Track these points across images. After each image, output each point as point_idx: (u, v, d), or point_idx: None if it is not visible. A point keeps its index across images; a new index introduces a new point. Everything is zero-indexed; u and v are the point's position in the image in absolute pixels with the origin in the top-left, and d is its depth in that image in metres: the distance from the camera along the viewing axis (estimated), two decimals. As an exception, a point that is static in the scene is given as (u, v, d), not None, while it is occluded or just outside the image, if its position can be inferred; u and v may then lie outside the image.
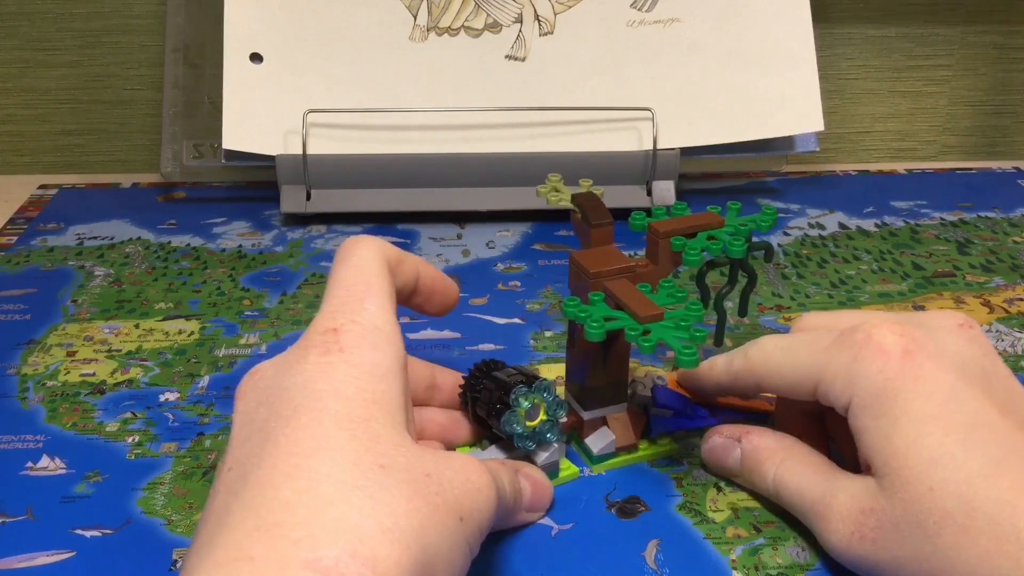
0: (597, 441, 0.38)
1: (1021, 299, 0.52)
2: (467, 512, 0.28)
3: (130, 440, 0.40)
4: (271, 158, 0.60)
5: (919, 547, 0.30)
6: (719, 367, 0.38)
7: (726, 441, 0.37)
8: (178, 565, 0.34)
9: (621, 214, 0.64)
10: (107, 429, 0.41)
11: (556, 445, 0.37)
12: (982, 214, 0.63)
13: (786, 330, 0.48)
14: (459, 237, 0.59)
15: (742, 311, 0.40)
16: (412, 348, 0.47)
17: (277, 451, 0.26)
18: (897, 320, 0.33)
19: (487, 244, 0.58)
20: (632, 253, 0.57)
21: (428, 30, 0.62)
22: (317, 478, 0.25)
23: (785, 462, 0.35)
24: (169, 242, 0.58)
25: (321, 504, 0.24)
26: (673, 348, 0.32)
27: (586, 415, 0.38)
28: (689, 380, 0.41)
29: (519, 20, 0.63)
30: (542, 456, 0.37)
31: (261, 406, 0.28)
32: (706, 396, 0.41)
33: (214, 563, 0.23)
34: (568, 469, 0.38)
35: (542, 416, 0.36)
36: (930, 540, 0.29)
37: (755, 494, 0.37)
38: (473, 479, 0.29)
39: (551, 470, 0.37)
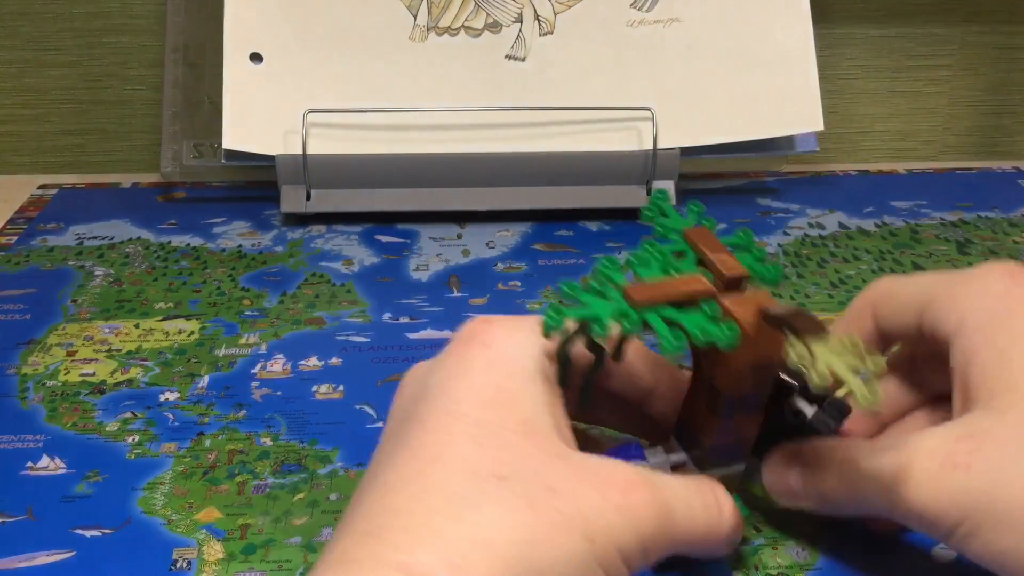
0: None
1: (1021, 299, 0.52)
2: (600, 532, 0.25)
3: (130, 440, 0.40)
4: (271, 158, 0.60)
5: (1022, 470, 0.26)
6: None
7: (786, 462, 0.32)
8: (178, 565, 0.34)
9: (621, 214, 0.65)
10: (107, 429, 0.41)
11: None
12: (982, 214, 0.63)
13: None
14: (459, 237, 0.59)
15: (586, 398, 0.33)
16: (412, 347, 0.47)
17: (404, 454, 0.26)
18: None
19: (487, 244, 0.58)
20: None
21: (428, 30, 0.62)
22: (431, 486, 0.25)
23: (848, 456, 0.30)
24: (169, 242, 0.58)
25: (427, 513, 0.24)
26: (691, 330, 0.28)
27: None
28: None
29: (519, 20, 0.63)
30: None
31: (409, 403, 0.28)
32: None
33: (325, 564, 0.24)
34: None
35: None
36: None
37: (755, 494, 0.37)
38: (614, 498, 0.26)
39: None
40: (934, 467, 0.27)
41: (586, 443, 0.31)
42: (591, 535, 0.25)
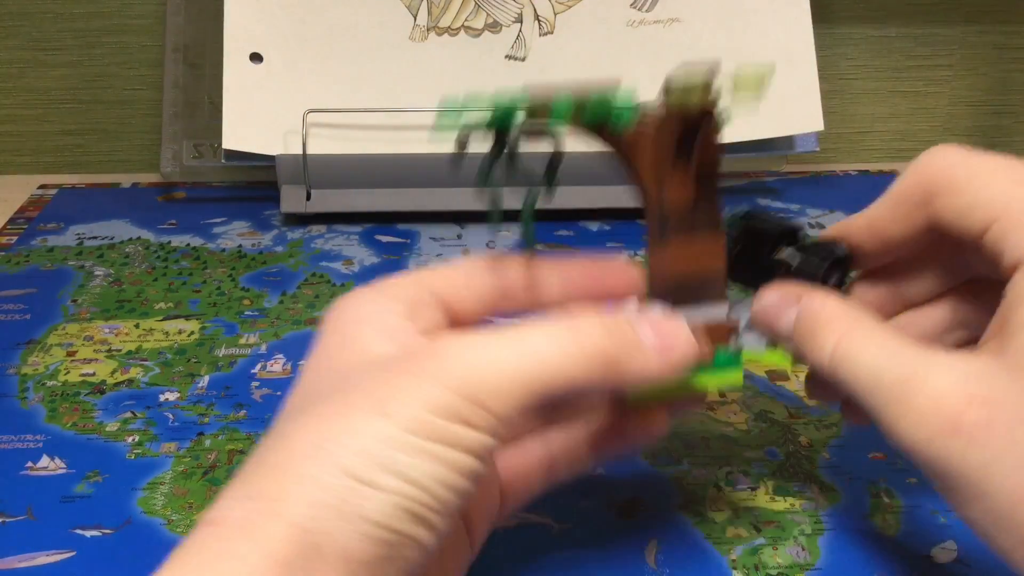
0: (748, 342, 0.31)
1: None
2: (393, 401, 0.24)
3: (130, 440, 0.40)
4: (271, 158, 0.60)
5: None
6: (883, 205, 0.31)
7: (781, 300, 0.30)
8: (178, 565, 0.34)
9: (621, 214, 0.65)
10: (107, 429, 0.41)
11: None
12: None
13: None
14: (459, 237, 0.59)
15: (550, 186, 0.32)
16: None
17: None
18: None
19: (487, 244, 0.58)
20: (634, 252, 0.57)
21: (428, 30, 0.62)
22: (265, 445, 0.26)
23: (853, 331, 0.28)
24: (169, 242, 0.58)
25: (243, 470, 0.25)
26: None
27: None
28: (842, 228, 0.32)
29: (519, 20, 0.63)
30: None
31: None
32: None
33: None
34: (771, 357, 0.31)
35: None
36: None
37: (755, 493, 0.37)
38: (405, 362, 0.25)
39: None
40: (937, 420, 0.25)
41: None
42: (384, 408, 0.24)
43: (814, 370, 0.30)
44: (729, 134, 0.31)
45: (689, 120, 0.27)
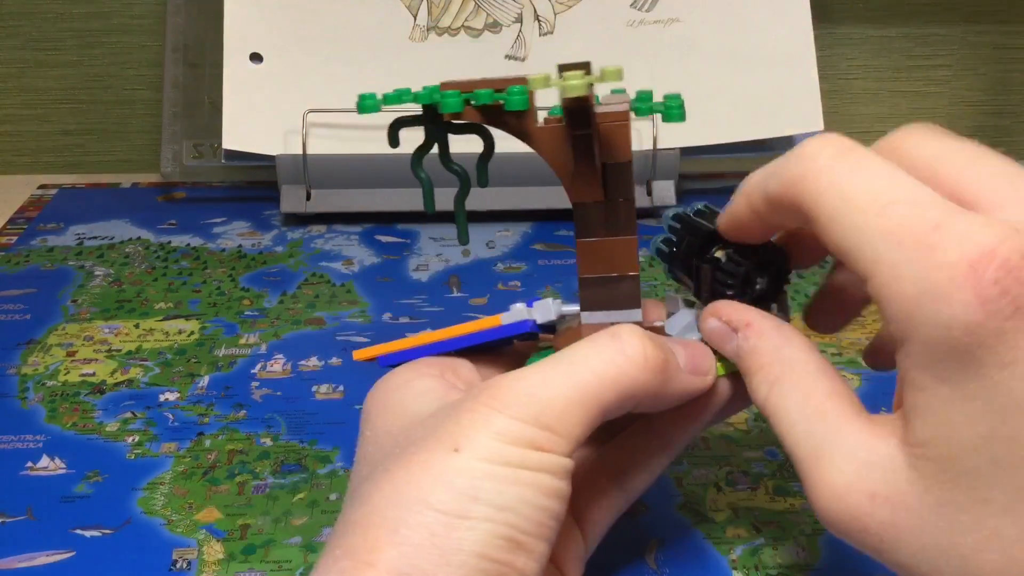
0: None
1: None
2: (462, 437, 0.25)
3: (130, 440, 0.40)
4: (271, 158, 0.60)
5: (941, 568, 0.23)
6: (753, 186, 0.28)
7: (723, 328, 0.29)
8: (178, 565, 0.34)
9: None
10: (107, 429, 0.41)
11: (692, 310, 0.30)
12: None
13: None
14: (459, 237, 0.59)
15: (482, 180, 0.33)
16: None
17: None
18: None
19: (487, 244, 0.58)
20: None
21: (428, 30, 0.62)
22: (340, 525, 0.27)
23: (781, 382, 0.26)
24: (169, 242, 0.58)
25: (328, 544, 0.26)
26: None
27: (585, 317, 0.30)
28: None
29: (519, 20, 0.63)
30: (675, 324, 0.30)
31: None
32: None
33: None
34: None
35: None
36: (960, 564, 0.22)
37: (755, 493, 0.37)
38: (467, 403, 0.26)
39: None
40: (845, 514, 0.24)
41: None
42: (453, 445, 0.25)
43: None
44: (729, 134, 0.31)
45: (576, 118, 0.27)
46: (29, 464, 0.39)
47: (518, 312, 0.31)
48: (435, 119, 0.30)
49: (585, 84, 0.24)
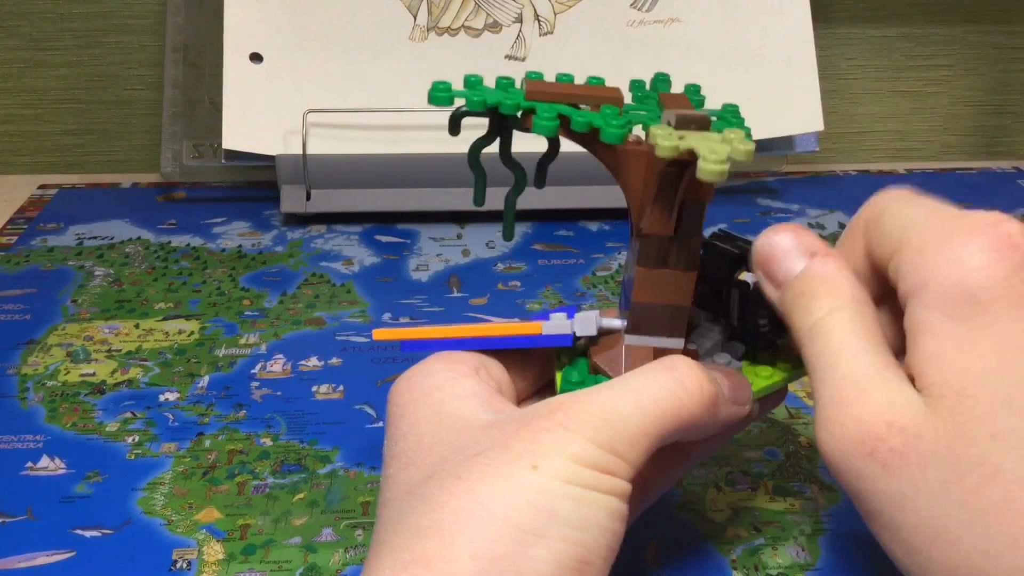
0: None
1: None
2: (539, 456, 0.25)
3: (130, 440, 0.40)
4: (271, 158, 0.60)
5: (940, 502, 0.23)
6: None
7: (796, 246, 0.28)
8: (178, 565, 0.34)
9: (621, 214, 0.64)
10: (107, 429, 0.41)
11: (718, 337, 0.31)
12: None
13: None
14: (459, 237, 0.59)
15: (539, 182, 0.33)
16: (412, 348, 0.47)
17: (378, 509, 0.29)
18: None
19: (487, 244, 0.58)
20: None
21: (428, 30, 0.62)
22: (384, 522, 0.27)
23: (843, 311, 0.27)
24: (169, 242, 0.58)
25: (379, 544, 0.26)
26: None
27: (628, 339, 0.30)
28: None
29: (519, 20, 0.63)
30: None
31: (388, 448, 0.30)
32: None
33: None
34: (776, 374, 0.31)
35: None
36: (959, 499, 0.23)
37: (755, 493, 0.37)
38: (542, 421, 0.26)
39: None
40: (854, 437, 0.24)
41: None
42: (531, 462, 0.25)
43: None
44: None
45: (674, 164, 0.27)
46: (29, 464, 0.39)
47: (560, 323, 0.31)
48: (503, 115, 0.30)
49: (722, 160, 0.24)
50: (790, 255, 0.28)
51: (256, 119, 0.60)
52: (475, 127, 0.31)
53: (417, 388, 0.29)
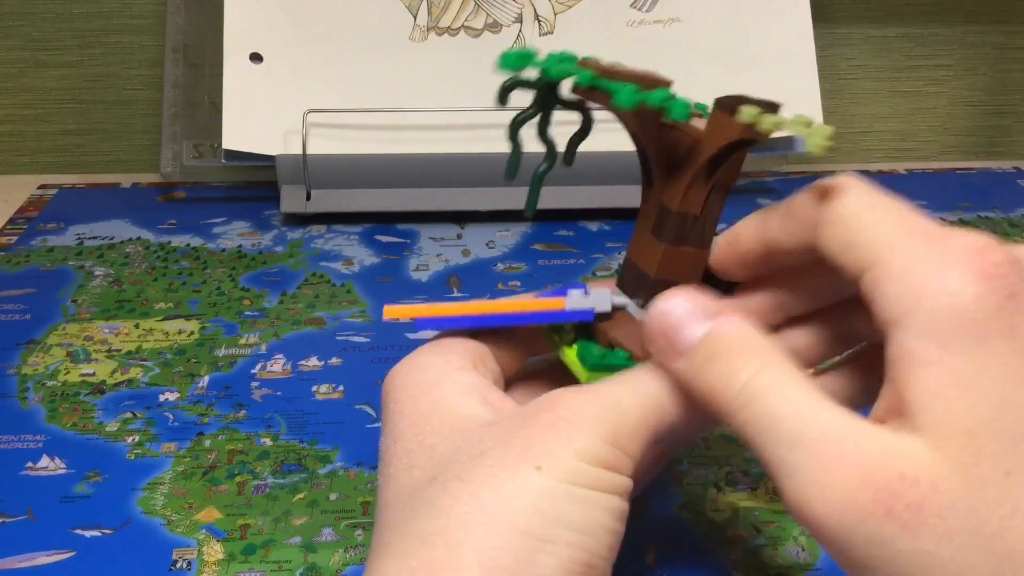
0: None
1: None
2: (543, 455, 0.24)
3: (130, 440, 0.40)
4: (271, 158, 0.60)
5: (965, 552, 0.21)
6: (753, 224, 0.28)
7: (692, 309, 0.26)
8: (178, 565, 0.34)
9: (621, 214, 0.65)
10: (107, 429, 0.41)
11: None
12: (982, 214, 0.63)
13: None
14: (459, 237, 0.59)
15: (569, 159, 0.33)
16: (412, 348, 0.47)
17: (377, 506, 0.28)
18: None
19: (487, 244, 0.58)
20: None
21: (428, 30, 0.62)
22: (385, 525, 0.26)
23: (772, 368, 0.24)
24: (169, 242, 0.58)
25: (382, 546, 0.26)
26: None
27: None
28: (721, 255, 0.29)
29: (519, 20, 0.63)
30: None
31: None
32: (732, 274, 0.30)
33: None
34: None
35: None
36: (984, 545, 0.21)
37: (755, 493, 0.37)
38: (544, 417, 0.25)
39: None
40: (866, 499, 0.22)
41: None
42: (534, 462, 0.24)
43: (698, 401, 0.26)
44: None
45: (734, 144, 0.27)
46: (29, 464, 0.39)
47: (578, 299, 0.30)
48: (552, 90, 0.30)
49: (828, 135, 0.24)
50: (688, 322, 0.26)
51: (256, 119, 0.60)
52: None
53: (414, 384, 0.28)
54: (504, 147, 0.32)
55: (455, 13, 0.62)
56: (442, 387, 0.28)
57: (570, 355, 0.30)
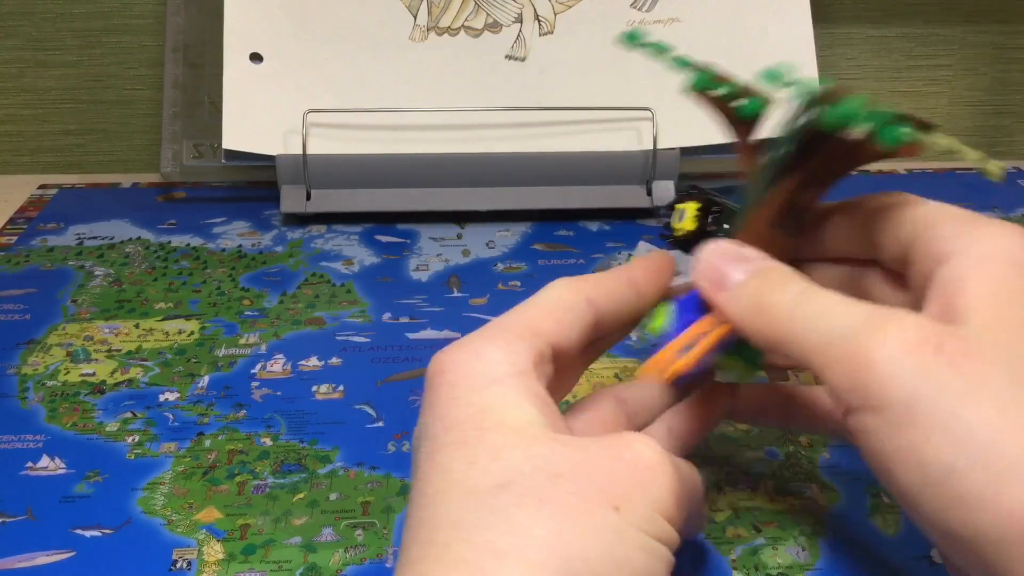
0: None
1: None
2: (623, 497, 0.24)
3: (130, 440, 0.40)
4: (271, 158, 0.60)
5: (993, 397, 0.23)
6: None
7: (729, 256, 0.29)
8: (178, 565, 0.34)
9: (621, 214, 0.65)
10: (107, 429, 0.41)
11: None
12: (982, 214, 0.63)
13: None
14: (459, 237, 0.59)
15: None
16: (412, 348, 0.47)
17: (412, 501, 0.26)
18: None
19: (487, 244, 0.58)
20: (628, 255, 0.57)
21: (428, 30, 0.62)
22: (438, 522, 0.24)
23: (811, 287, 0.27)
24: (169, 242, 0.58)
25: (441, 547, 0.24)
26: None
27: None
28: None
29: (519, 20, 0.63)
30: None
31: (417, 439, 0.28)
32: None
33: None
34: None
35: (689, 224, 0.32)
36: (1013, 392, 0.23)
37: (755, 494, 0.37)
38: (627, 456, 0.25)
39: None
40: (917, 338, 0.24)
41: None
42: (617, 503, 0.24)
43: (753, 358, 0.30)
44: (729, 134, 0.32)
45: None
46: (29, 464, 0.39)
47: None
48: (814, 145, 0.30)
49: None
50: (728, 264, 0.29)
51: (256, 119, 0.60)
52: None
53: (475, 374, 0.27)
54: (504, 147, 0.32)
55: (455, 13, 0.62)
56: (505, 385, 0.27)
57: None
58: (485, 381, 0.27)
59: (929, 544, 0.35)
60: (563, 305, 0.29)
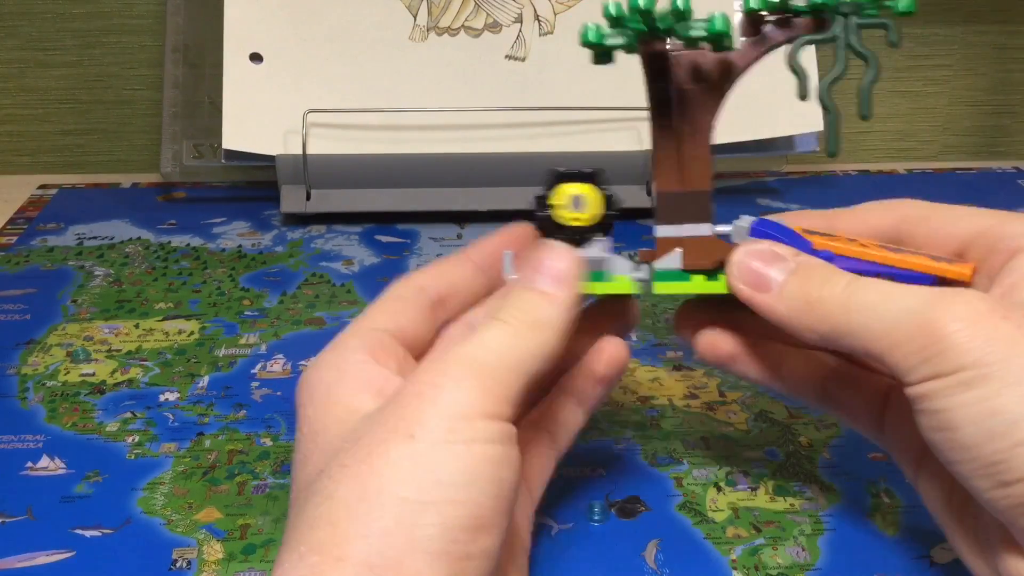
0: (663, 260, 0.33)
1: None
2: (413, 423, 0.25)
3: (130, 440, 0.40)
4: (271, 158, 0.60)
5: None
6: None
7: (771, 254, 0.31)
8: (178, 565, 0.34)
9: (621, 214, 0.64)
10: (107, 429, 0.41)
11: (605, 240, 0.33)
12: None
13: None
14: (459, 237, 0.59)
15: (864, 109, 0.35)
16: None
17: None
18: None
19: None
20: (632, 253, 0.57)
21: (428, 30, 0.62)
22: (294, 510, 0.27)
23: (857, 278, 0.29)
24: (169, 242, 0.58)
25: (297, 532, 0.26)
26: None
27: (659, 231, 0.33)
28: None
29: (519, 20, 0.63)
30: (589, 252, 0.32)
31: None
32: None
33: None
34: (620, 282, 0.32)
35: (594, 211, 0.32)
36: None
37: (755, 493, 0.37)
38: (409, 390, 0.26)
39: (596, 268, 0.32)
40: (980, 307, 0.25)
41: None
42: (407, 433, 0.25)
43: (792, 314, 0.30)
44: (729, 134, 0.32)
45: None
46: (29, 464, 0.39)
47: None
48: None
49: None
50: (773, 260, 0.31)
51: (256, 119, 0.60)
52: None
53: (314, 386, 0.29)
54: (504, 147, 0.33)
55: (455, 13, 0.62)
56: (338, 387, 0.28)
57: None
58: (324, 388, 0.29)
59: (929, 544, 0.35)
60: (393, 296, 0.32)
